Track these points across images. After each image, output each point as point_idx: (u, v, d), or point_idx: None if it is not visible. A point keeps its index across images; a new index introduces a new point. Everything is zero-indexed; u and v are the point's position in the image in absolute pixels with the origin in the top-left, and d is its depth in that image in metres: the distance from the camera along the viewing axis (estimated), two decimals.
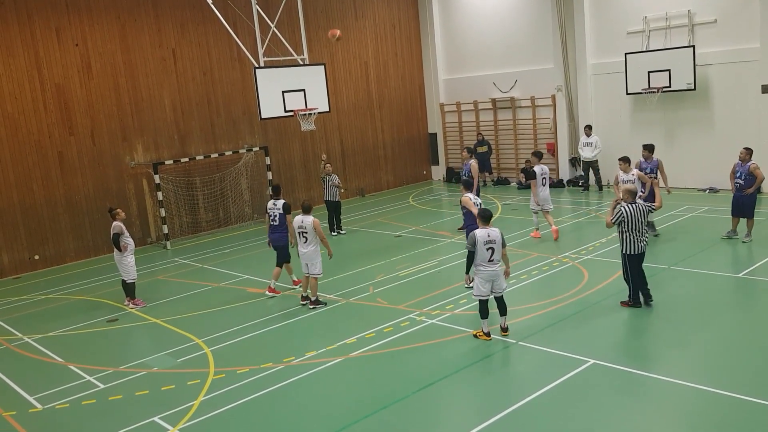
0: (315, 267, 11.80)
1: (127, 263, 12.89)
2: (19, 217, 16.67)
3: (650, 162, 14.25)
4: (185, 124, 19.28)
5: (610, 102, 20.68)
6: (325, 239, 11.91)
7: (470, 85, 24.10)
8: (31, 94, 16.68)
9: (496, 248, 9.48)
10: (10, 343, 11.73)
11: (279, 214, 12.86)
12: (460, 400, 8.36)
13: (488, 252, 9.45)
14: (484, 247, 9.43)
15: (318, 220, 11.89)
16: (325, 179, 17.40)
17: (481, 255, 9.45)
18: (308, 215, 11.85)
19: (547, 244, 14.74)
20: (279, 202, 12.97)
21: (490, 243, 9.44)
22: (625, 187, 10.65)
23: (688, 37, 18.73)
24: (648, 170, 14.02)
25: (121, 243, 12.75)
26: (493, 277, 9.54)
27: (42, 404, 9.07)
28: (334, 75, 22.16)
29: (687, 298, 10.87)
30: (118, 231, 12.72)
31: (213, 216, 19.77)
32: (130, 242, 12.95)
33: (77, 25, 17.28)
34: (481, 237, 9.46)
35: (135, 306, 13.03)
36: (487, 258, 9.47)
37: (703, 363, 8.68)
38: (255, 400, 8.58)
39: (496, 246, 9.48)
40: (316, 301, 11.96)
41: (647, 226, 11.18)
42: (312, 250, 11.78)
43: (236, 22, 18.58)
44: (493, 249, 9.46)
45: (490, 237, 9.47)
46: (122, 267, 12.93)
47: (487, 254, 9.45)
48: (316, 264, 11.79)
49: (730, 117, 18.47)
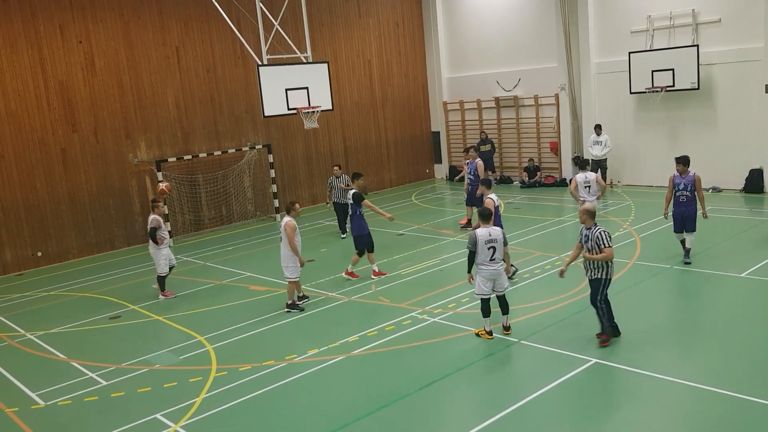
0: (289, 270, 11.54)
1: (162, 255, 13.04)
2: (22, 213, 16.70)
3: (685, 177, 12.22)
4: (188, 121, 19.30)
5: (614, 101, 20.64)
6: (293, 244, 11.43)
7: (473, 84, 24.08)
8: (34, 91, 16.70)
9: (497, 247, 9.48)
10: (12, 339, 11.76)
11: (350, 203, 13.10)
12: (461, 399, 8.35)
13: (490, 251, 9.45)
14: (486, 247, 9.43)
15: (293, 222, 11.47)
16: (332, 182, 16.98)
17: (482, 254, 9.45)
18: (287, 216, 11.64)
19: (549, 243, 14.72)
20: (350, 191, 13.20)
21: (491, 242, 9.44)
22: (584, 208, 9.29)
23: (692, 37, 18.69)
24: (681, 187, 12.20)
25: (158, 236, 12.89)
26: (494, 275, 9.53)
27: (44, 401, 9.09)
28: (337, 73, 22.16)
29: (689, 297, 10.84)
30: (156, 225, 12.90)
31: (216, 213, 19.79)
32: (165, 236, 13.17)
33: (81, 23, 17.29)
34: (482, 236, 9.45)
35: (164, 297, 13.18)
36: (488, 257, 9.46)
37: (704, 363, 8.67)
38: (257, 397, 8.59)
39: (498, 245, 9.48)
40: (292, 305, 11.71)
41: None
42: (285, 253, 11.53)
43: (240, 20, 18.59)
44: (494, 248, 9.46)
45: (491, 236, 9.46)
46: (157, 259, 13.11)
47: (489, 253, 9.45)
48: (290, 267, 11.52)
49: (734, 116, 18.43)
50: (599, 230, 8.93)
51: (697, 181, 12.15)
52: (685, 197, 12.20)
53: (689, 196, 12.16)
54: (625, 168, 20.79)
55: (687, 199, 12.20)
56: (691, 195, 12.15)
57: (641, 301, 10.94)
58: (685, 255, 12.49)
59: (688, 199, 12.20)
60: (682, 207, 12.26)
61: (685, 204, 12.23)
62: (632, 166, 20.64)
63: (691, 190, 12.13)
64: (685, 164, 12.25)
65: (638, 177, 20.52)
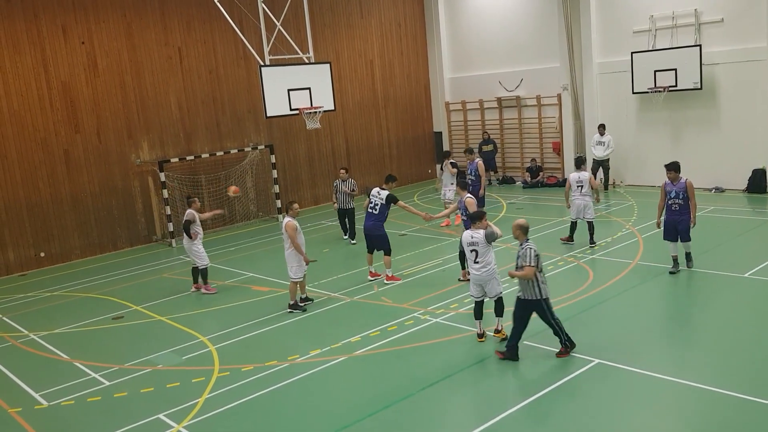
0: (292, 270, 11.60)
1: (198, 250, 13.13)
2: (25, 214, 16.72)
3: (677, 184, 11.67)
4: (191, 122, 19.31)
5: (616, 101, 20.63)
6: (297, 243, 11.46)
7: (476, 84, 24.07)
8: (37, 91, 16.72)
9: (479, 250, 9.36)
10: (15, 339, 11.78)
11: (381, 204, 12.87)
12: (463, 399, 8.35)
13: (472, 254, 9.41)
14: (468, 249, 9.44)
15: (293, 222, 11.49)
16: (338, 185, 16.45)
17: (468, 256, 9.48)
18: (287, 216, 11.66)
19: (551, 243, 14.70)
20: (383, 192, 12.99)
21: (472, 245, 9.39)
22: (516, 223, 8.96)
23: (695, 36, 18.66)
24: (673, 195, 11.66)
25: (192, 231, 12.93)
26: (480, 281, 9.45)
27: (47, 401, 9.10)
28: (339, 73, 22.16)
29: (691, 298, 10.83)
30: (191, 218, 12.97)
31: (218, 214, 19.75)
32: (199, 230, 13.22)
33: (83, 23, 17.31)
34: (465, 238, 9.50)
35: (207, 292, 13.19)
36: (472, 259, 9.44)
37: (708, 363, 8.65)
38: (259, 397, 8.59)
39: (479, 248, 9.35)
40: (294, 305, 11.73)
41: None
42: (288, 253, 11.60)
43: (242, 21, 18.60)
44: (476, 251, 9.37)
45: (473, 239, 9.41)
46: (194, 254, 13.17)
47: (472, 256, 9.41)
48: (292, 267, 11.58)
49: (737, 117, 18.39)
50: (527, 247, 8.66)
51: (689, 188, 11.57)
52: (678, 205, 11.63)
53: (682, 203, 11.60)
54: (628, 168, 20.77)
55: (680, 207, 11.62)
56: (683, 203, 11.59)
57: (644, 301, 10.94)
58: (686, 260, 11.98)
59: (681, 207, 11.61)
60: (675, 215, 11.70)
61: (677, 212, 11.66)
62: (634, 167, 20.61)
63: (683, 197, 11.58)
64: (676, 171, 11.65)
65: (641, 177, 20.49)
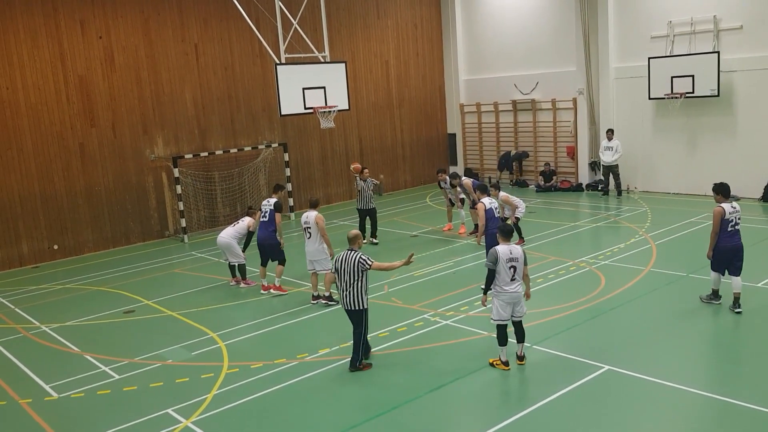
0: (320, 264, 11.88)
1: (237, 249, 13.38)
2: (39, 206, 16.84)
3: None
4: (206, 118, 19.39)
5: (632, 106, 20.50)
6: (327, 237, 11.87)
7: (491, 86, 24.01)
8: (54, 85, 16.84)
9: (518, 267, 8.81)
10: (27, 331, 11.87)
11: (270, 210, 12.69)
12: (472, 402, 8.32)
13: (510, 270, 8.75)
14: (507, 266, 8.71)
15: (321, 215, 11.90)
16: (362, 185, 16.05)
17: (503, 275, 8.73)
18: (313, 211, 11.87)
19: (564, 248, 14.64)
20: (272, 200, 12.88)
21: (512, 261, 8.76)
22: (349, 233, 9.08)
23: (713, 43, 18.52)
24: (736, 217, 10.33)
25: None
26: (514, 299, 8.83)
27: (57, 393, 9.16)
28: (354, 73, 22.17)
29: (704, 306, 10.74)
30: (254, 229, 13.23)
31: (230, 211, 19.84)
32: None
33: (101, 18, 17.42)
34: (504, 254, 8.72)
35: (246, 285, 13.40)
36: (509, 278, 8.78)
37: (719, 372, 8.60)
38: (268, 395, 8.61)
39: (518, 264, 8.81)
40: (329, 297, 11.89)
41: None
42: (317, 247, 11.86)
43: (259, 19, 18.65)
44: (515, 267, 8.78)
45: (512, 254, 8.74)
46: (233, 252, 13.35)
47: (510, 273, 8.75)
48: (321, 261, 11.85)
49: (754, 124, 18.23)
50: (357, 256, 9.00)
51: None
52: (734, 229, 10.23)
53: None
54: (642, 174, 20.64)
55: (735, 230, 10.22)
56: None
57: (656, 309, 10.86)
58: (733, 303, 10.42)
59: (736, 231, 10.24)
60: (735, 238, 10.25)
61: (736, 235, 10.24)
62: (649, 173, 20.49)
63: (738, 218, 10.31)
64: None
65: (655, 183, 20.37)
